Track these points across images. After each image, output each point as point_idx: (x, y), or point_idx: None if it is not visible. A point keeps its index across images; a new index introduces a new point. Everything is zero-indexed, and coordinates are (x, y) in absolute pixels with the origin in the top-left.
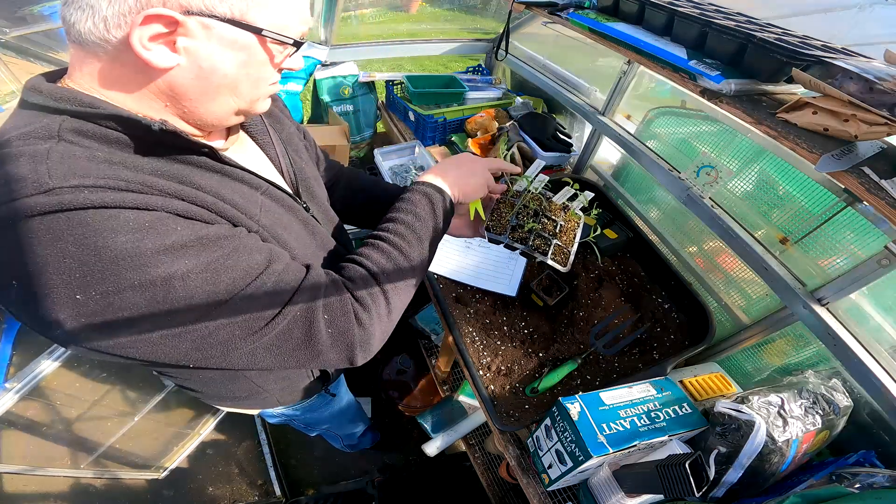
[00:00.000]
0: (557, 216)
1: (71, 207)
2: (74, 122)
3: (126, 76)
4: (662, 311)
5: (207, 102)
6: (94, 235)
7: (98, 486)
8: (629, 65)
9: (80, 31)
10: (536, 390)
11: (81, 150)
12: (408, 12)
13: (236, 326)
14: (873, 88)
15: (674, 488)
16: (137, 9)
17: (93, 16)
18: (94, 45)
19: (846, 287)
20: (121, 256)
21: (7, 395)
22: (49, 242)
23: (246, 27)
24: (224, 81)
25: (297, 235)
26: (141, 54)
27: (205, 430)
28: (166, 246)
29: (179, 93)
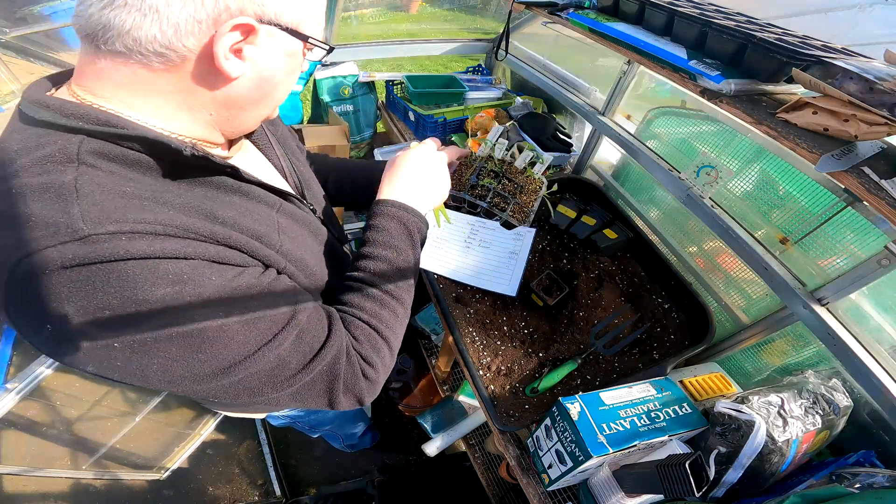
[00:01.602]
0: (518, 178)
1: (110, 259)
2: (94, 142)
3: (176, 86)
4: (662, 311)
5: (254, 110)
6: (135, 288)
7: (98, 487)
8: (629, 65)
9: (136, 37)
10: (536, 390)
11: (106, 177)
12: (408, 12)
13: (264, 377)
14: (873, 88)
15: (674, 488)
16: (214, 15)
17: (159, 21)
18: (150, 55)
19: (846, 287)
20: (160, 310)
21: (8, 396)
22: (88, 294)
23: (299, 36)
24: (272, 89)
25: (312, 250)
26: (221, 64)
27: (205, 431)
28: (203, 298)
29: (233, 102)
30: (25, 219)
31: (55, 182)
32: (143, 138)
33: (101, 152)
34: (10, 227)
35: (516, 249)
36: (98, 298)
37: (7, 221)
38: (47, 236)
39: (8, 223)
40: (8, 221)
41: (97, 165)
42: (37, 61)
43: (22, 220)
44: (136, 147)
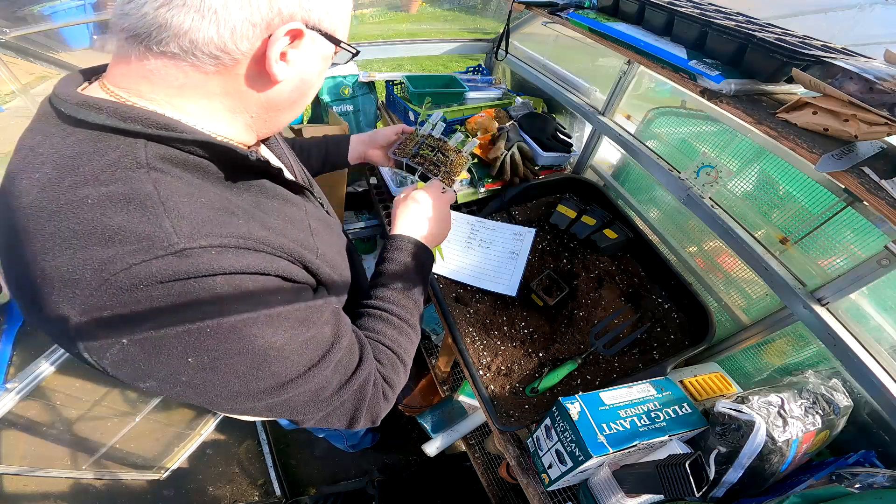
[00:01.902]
0: (450, 154)
1: (202, 274)
2: (157, 147)
3: (224, 88)
4: (662, 311)
5: (289, 112)
6: (219, 304)
7: (98, 487)
8: (629, 65)
9: (193, 39)
10: (536, 390)
11: (180, 184)
12: (408, 12)
13: (307, 397)
14: (873, 88)
15: (674, 488)
16: (268, 19)
17: (217, 24)
18: (204, 57)
19: (846, 287)
20: (237, 326)
21: (8, 396)
22: (176, 310)
23: (335, 41)
24: (308, 91)
25: (336, 247)
26: (271, 68)
27: (205, 431)
28: (271, 316)
29: (275, 104)
30: (114, 232)
31: (137, 192)
32: (208, 143)
33: (167, 157)
34: (95, 240)
35: (516, 249)
36: (184, 315)
37: (90, 233)
38: (142, 250)
39: (92, 235)
40: (91, 233)
41: (167, 171)
42: (37, 61)
43: (110, 232)
44: (197, 152)
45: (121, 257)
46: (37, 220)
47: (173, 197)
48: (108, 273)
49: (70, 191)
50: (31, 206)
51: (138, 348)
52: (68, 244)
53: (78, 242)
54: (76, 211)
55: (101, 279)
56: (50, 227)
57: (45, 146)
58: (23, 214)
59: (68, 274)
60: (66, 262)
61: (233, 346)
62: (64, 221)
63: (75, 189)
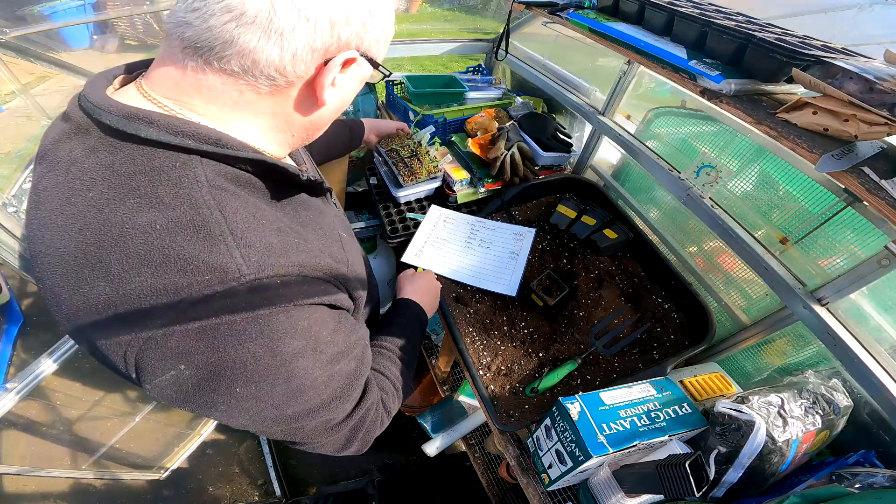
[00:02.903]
0: (424, 160)
1: (270, 305)
2: (212, 164)
3: (273, 109)
4: (662, 311)
5: (323, 130)
6: (277, 337)
7: (98, 487)
8: (629, 65)
9: (256, 59)
10: (536, 390)
11: (238, 203)
12: (408, 12)
13: (320, 424)
14: (873, 88)
15: (674, 488)
16: (327, 45)
17: (282, 46)
18: (261, 77)
19: (846, 287)
20: (288, 359)
21: (8, 396)
22: (239, 341)
23: (374, 64)
24: (343, 109)
25: (359, 252)
26: (322, 92)
27: (205, 431)
28: (317, 350)
29: (316, 125)
30: (186, 261)
31: (205, 219)
32: (260, 161)
33: (223, 174)
34: (167, 268)
35: (516, 249)
36: (245, 346)
37: (162, 262)
38: (215, 281)
39: (165, 264)
40: (164, 262)
41: (226, 188)
42: (37, 61)
43: (182, 262)
44: (247, 168)
45: (195, 287)
46: (98, 245)
47: (239, 222)
48: (183, 301)
49: (135, 214)
50: (90, 229)
51: (192, 375)
52: (137, 271)
53: (148, 270)
54: (144, 236)
55: (177, 305)
56: (116, 252)
57: (91, 161)
58: (81, 238)
59: (138, 301)
60: (136, 289)
61: (279, 378)
62: (132, 247)
63: (140, 212)
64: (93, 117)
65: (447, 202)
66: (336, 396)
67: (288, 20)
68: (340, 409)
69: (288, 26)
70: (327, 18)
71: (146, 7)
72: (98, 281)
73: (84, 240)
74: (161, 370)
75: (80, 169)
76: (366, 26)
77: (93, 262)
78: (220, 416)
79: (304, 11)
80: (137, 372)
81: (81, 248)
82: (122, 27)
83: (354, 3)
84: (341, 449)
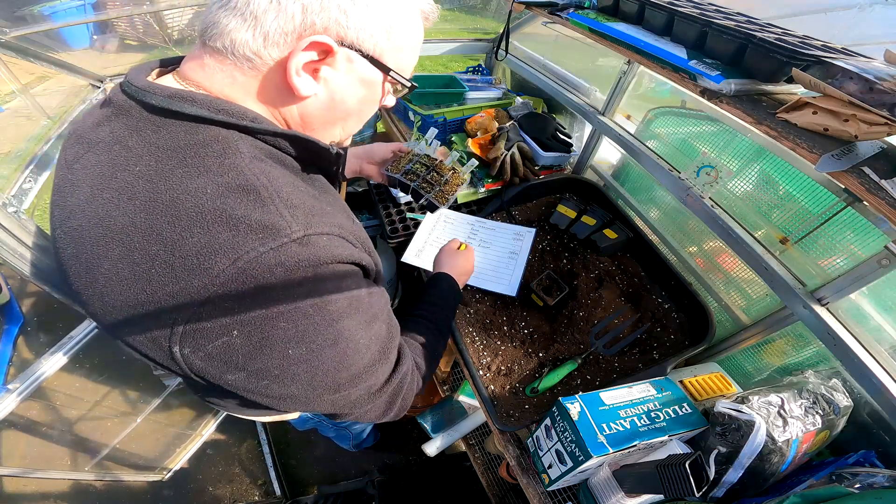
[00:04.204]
0: (445, 172)
1: (321, 261)
2: (250, 139)
3: (264, 95)
4: (662, 311)
5: (322, 132)
6: (328, 293)
7: (98, 487)
8: (629, 65)
9: (233, 39)
10: (536, 390)
11: (280, 174)
12: None
13: (364, 391)
14: (873, 88)
15: (674, 488)
16: (300, 30)
17: (254, 27)
18: (241, 58)
19: (846, 287)
20: (335, 318)
21: (9, 397)
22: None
23: (380, 66)
24: (343, 115)
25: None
26: (292, 79)
27: (206, 431)
28: (358, 309)
29: (306, 121)
30: (237, 220)
31: (251, 182)
32: (294, 136)
33: (259, 148)
34: (221, 227)
35: (516, 249)
36: (300, 302)
37: (215, 221)
38: (268, 238)
39: (217, 223)
40: (216, 221)
41: (264, 161)
42: (37, 61)
43: (234, 220)
44: (279, 144)
45: (250, 244)
46: (149, 212)
47: (283, 188)
48: (239, 258)
49: (184, 181)
50: (139, 198)
51: (245, 338)
52: (190, 232)
53: (201, 230)
54: (195, 200)
55: (233, 264)
56: (168, 216)
57: (134, 139)
58: (130, 207)
59: (196, 259)
60: (192, 250)
61: (329, 338)
62: (184, 211)
63: (189, 179)
64: (136, 99)
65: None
66: (376, 360)
67: (261, 4)
68: (381, 373)
69: (260, 10)
70: (300, 3)
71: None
72: (151, 245)
73: (134, 208)
74: (213, 336)
75: (123, 147)
76: (347, 14)
77: (143, 229)
78: (275, 387)
79: None
80: (184, 342)
81: (131, 216)
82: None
83: None
84: (381, 415)
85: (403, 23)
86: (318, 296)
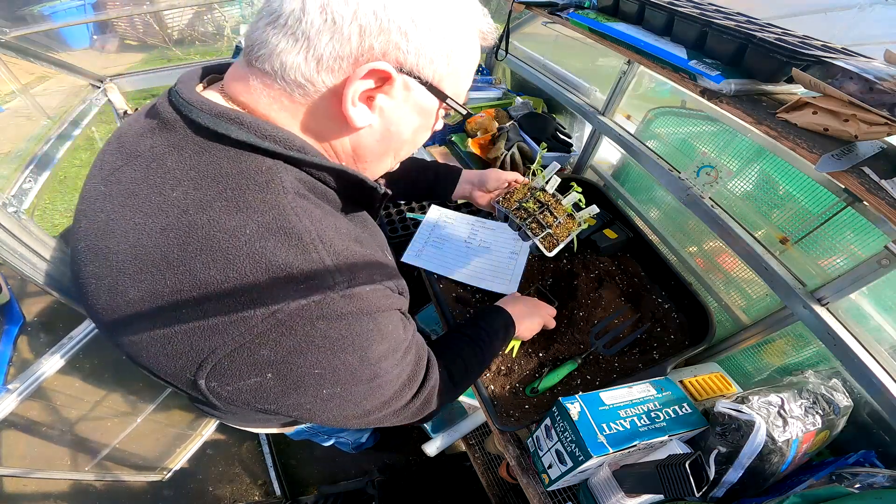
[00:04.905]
0: (559, 214)
1: (362, 312)
2: (294, 171)
3: (314, 124)
4: (662, 311)
5: (376, 164)
6: (367, 344)
7: (98, 487)
8: (629, 65)
9: (283, 62)
10: (536, 390)
11: (318, 211)
12: None
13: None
14: (873, 88)
15: (674, 488)
16: (356, 54)
17: (307, 50)
18: (291, 84)
19: (846, 287)
20: (374, 362)
21: (9, 397)
22: (331, 347)
23: (437, 93)
24: (398, 145)
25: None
26: (347, 110)
27: (206, 431)
28: (395, 351)
29: (359, 153)
30: (278, 267)
31: (294, 225)
32: (341, 172)
33: (303, 182)
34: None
35: (516, 249)
36: (337, 352)
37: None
38: (310, 289)
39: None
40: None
41: (307, 197)
42: (37, 61)
43: (274, 268)
44: (324, 178)
45: (291, 295)
46: (183, 247)
47: (326, 231)
48: (279, 310)
49: (222, 217)
50: (173, 230)
51: (279, 381)
52: (225, 275)
53: (236, 275)
54: (233, 240)
55: (272, 315)
56: (203, 255)
57: (174, 159)
58: (163, 239)
59: (232, 306)
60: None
61: (363, 378)
62: (220, 251)
63: (227, 216)
64: (182, 113)
65: (447, 202)
66: (405, 385)
67: (314, 23)
68: (409, 392)
69: (314, 30)
70: (357, 24)
71: (146, 7)
72: (183, 284)
73: (167, 241)
74: (245, 376)
75: (162, 167)
76: (407, 37)
77: (175, 265)
78: (302, 416)
79: (331, 15)
80: (211, 377)
81: (162, 248)
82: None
83: (393, 10)
84: (412, 419)
85: (463, 46)
86: (360, 346)
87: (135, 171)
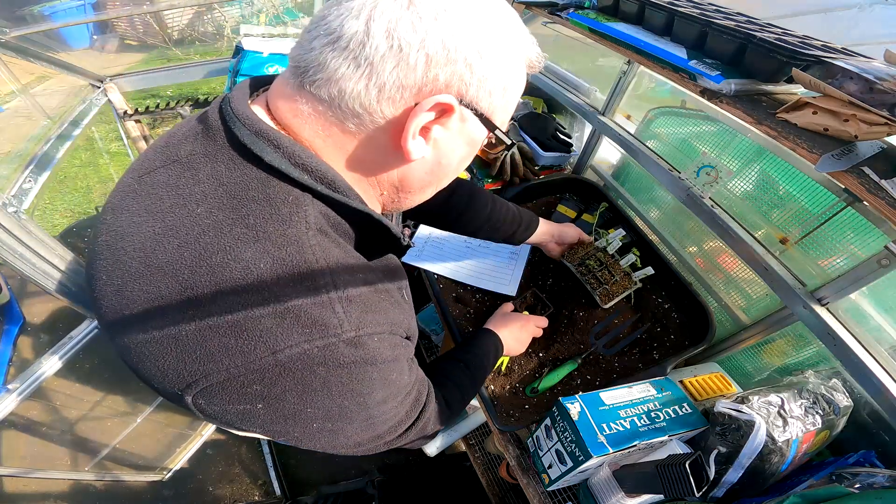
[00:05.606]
0: (616, 272)
1: (366, 362)
2: (320, 206)
3: (362, 155)
4: (662, 311)
5: (418, 195)
6: (367, 391)
7: (98, 487)
8: (629, 65)
9: (342, 89)
10: (536, 390)
11: (338, 251)
12: None
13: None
14: (873, 88)
15: (674, 488)
16: (420, 84)
17: (369, 77)
18: (348, 113)
19: (846, 287)
20: (371, 406)
21: (9, 397)
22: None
23: (490, 125)
24: (443, 175)
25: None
26: (407, 143)
27: (206, 431)
28: (396, 395)
29: (406, 185)
30: (286, 309)
31: (310, 267)
32: (367, 216)
33: (328, 218)
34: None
35: (516, 250)
36: (334, 397)
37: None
38: (316, 334)
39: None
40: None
41: (329, 235)
42: (37, 61)
43: (282, 309)
44: (354, 219)
45: (294, 338)
46: (193, 269)
47: (341, 274)
48: (279, 351)
49: (239, 245)
50: (188, 249)
51: (268, 412)
52: (230, 307)
53: (244, 309)
54: (245, 272)
55: (272, 355)
56: (211, 282)
57: (206, 171)
58: (177, 256)
59: (232, 339)
60: (231, 326)
61: (359, 418)
62: (230, 281)
63: (244, 245)
64: (226, 124)
65: None
66: (401, 421)
67: (380, 49)
68: (404, 427)
69: (378, 56)
70: (424, 52)
71: (146, 7)
72: (188, 307)
73: (180, 258)
74: (235, 402)
75: (193, 176)
76: (472, 69)
77: (183, 285)
78: (288, 440)
79: (398, 41)
80: (199, 396)
81: (174, 266)
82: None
83: (460, 39)
84: (405, 446)
85: (516, 77)
86: (360, 393)
87: (167, 177)
